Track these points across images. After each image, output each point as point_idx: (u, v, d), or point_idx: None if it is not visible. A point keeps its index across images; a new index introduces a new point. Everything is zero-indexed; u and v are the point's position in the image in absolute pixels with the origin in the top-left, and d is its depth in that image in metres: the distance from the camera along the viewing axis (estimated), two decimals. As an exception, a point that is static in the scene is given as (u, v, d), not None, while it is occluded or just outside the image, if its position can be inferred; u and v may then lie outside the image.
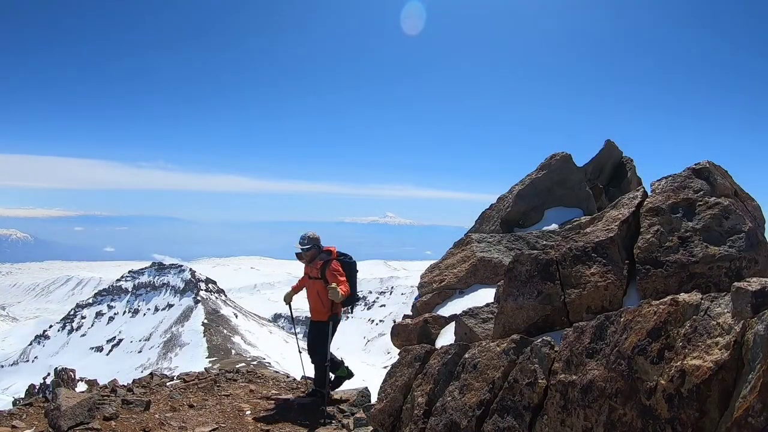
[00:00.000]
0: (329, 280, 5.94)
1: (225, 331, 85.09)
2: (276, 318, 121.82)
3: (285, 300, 6.79)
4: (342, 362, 6.57)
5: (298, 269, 6.45)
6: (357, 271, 6.49)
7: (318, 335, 6.27)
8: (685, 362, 2.26)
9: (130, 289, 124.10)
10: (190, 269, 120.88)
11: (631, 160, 8.06)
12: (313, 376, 6.55)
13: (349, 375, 6.71)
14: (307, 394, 6.60)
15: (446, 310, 5.32)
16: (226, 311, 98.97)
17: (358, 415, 5.34)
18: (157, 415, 5.35)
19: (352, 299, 6.40)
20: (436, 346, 4.01)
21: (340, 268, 6.05)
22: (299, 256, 6.33)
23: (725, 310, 2.30)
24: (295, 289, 6.72)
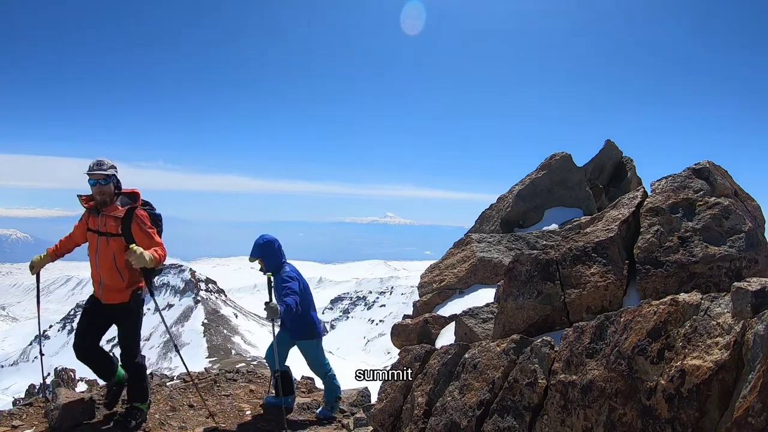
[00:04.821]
0: (137, 240, 4.16)
1: (225, 331, 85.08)
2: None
3: (32, 268, 4.53)
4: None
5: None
6: (162, 222, 4.54)
7: (124, 325, 4.44)
8: (685, 362, 2.26)
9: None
10: (190, 269, 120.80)
11: (631, 160, 8.07)
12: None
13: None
14: (124, 414, 4.72)
15: (446, 310, 5.32)
16: (226, 311, 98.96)
17: (358, 415, 5.34)
18: (157, 415, 5.34)
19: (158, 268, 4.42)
20: (436, 346, 4.01)
21: (150, 222, 4.29)
22: (88, 200, 4.31)
23: (725, 310, 2.30)
24: (54, 253, 4.59)
